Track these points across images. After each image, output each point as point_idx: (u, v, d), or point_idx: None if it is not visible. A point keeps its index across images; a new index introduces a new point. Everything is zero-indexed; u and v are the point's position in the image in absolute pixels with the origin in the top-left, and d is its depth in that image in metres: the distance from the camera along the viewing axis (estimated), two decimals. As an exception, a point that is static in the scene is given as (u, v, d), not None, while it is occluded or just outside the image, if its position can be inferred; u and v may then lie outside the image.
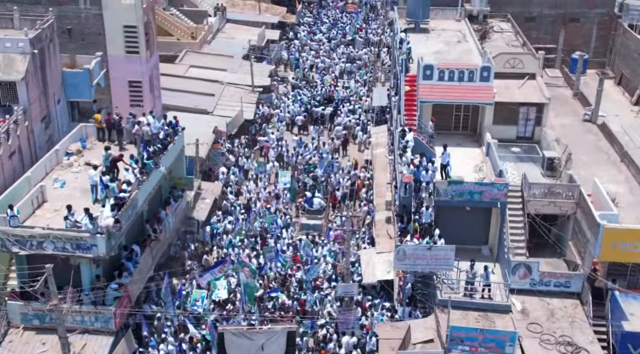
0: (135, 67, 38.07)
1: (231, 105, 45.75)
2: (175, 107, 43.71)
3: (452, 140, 32.73)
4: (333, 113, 48.00)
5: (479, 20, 41.13)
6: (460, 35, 38.97)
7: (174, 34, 54.84)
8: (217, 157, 39.87)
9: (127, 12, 37.06)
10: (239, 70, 50.94)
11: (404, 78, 33.23)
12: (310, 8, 73.66)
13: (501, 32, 39.50)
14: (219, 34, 59.86)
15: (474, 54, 36.35)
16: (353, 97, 51.07)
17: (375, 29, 66.71)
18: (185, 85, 47.37)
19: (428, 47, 37.49)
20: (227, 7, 65.48)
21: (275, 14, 66.52)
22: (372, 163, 39.68)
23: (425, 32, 39.45)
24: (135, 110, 38.60)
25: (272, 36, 62.11)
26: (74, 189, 28.25)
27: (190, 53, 53.24)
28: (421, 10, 38.81)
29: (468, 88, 32.11)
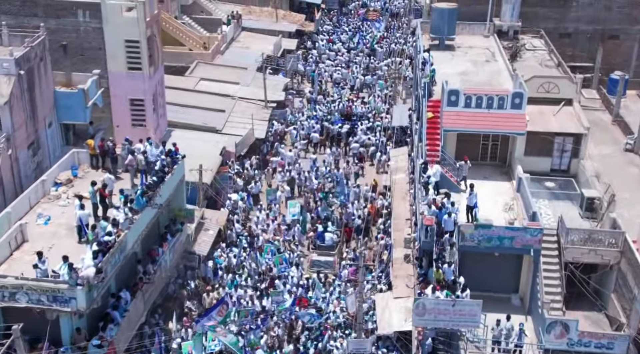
0: (137, 84, 35.38)
1: (242, 122, 42.81)
2: (182, 124, 41.02)
3: (479, 171, 29.54)
4: (350, 132, 44.88)
5: (509, 36, 37.72)
6: (489, 54, 35.64)
7: (185, 44, 52.07)
8: (224, 180, 36.92)
9: (128, 25, 34.38)
10: (252, 83, 48.00)
11: (427, 103, 30.03)
12: (330, 15, 70.52)
13: (533, 49, 36.09)
14: (233, 43, 57.00)
15: (504, 75, 33.00)
16: (372, 113, 47.91)
17: (397, 39, 63.43)
18: (195, 100, 44.56)
19: (453, 66, 34.22)
20: (243, 14, 62.67)
21: (293, 22, 63.51)
22: (391, 190, 36.49)
23: (451, 50, 36.17)
24: (138, 131, 36.09)
25: (289, 46, 59.12)
26: (59, 226, 25.43)
27: (202, 64, 50.41)
28: (446, 26, 35.52)
29: (498, 116, 28.81)
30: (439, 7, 35.57)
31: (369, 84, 53.73)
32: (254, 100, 46.21)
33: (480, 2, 38.38)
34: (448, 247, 23.70)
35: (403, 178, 37.08)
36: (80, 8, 34.25)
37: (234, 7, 63.94)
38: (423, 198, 26.11)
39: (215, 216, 33.94)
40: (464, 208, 26.21)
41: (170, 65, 49.99)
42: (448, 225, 23.96)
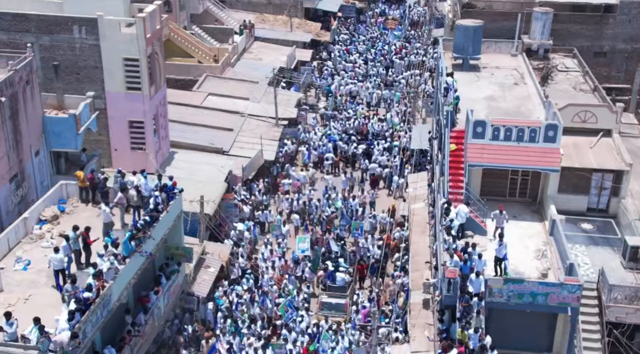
0: (136, 105, 32.75)
1: (251, 142, 40.00)
2: (187, 145, 38.31)
3: (506, 210, 26.40)
4: (366, 152, 41.94)
5: (539, 55, 34.60)
6: (517, 75, 32.55)
7: (194, 56, 49.45)
8: (229, 209, 34.19)
9: (127, 43, 31.74)
10: (263, 98, 45.08)
11: (449, 133, 27.04)
12: (347, 24, 67.54)
13: (566, 71, 32.94)
14: (245, 54, 54.27)
15: (535, 101, 29.91)
16: (389, 131, 44.92)
17: (417, 49, 60.36)
18: (201, 117, 41.86)
19: (478, 90, 31.19)
20: (256, 23, 59.93)
21: (308, 31, 60.63)
22: (409, 221, 33.53)
23: (475, 70, 33.11)
24: (137, 155, 33.48)
25: (303, 57, 56.26)
26: (39, 273, 22.74)
27: (211, 78, 47.72)
28: (471, 45, 32.47)
29: (529, 150, 25.76)
30: (463, 25, 32.53)
31: (387, 99, 50.75)
32: (264, 117, 43.40)
33: (508, 19, 35.35)
34: (474, 313, 20.70)
35: (422, 208, 34.11)
36: (76, 24, 31.64)
37: (247, 15, 61.31)
38: (445, 244, 23.15)
39: (218, 250, 31.12)
40: (489, 254, 23.37)
41: (177, 78, 47.56)
42: (475, 286, 20.99)
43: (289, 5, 61.62)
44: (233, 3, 62.50)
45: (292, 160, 42.41)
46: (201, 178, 34.15)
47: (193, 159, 36.17)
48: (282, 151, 41.69)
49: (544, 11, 33.38)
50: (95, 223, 25.35)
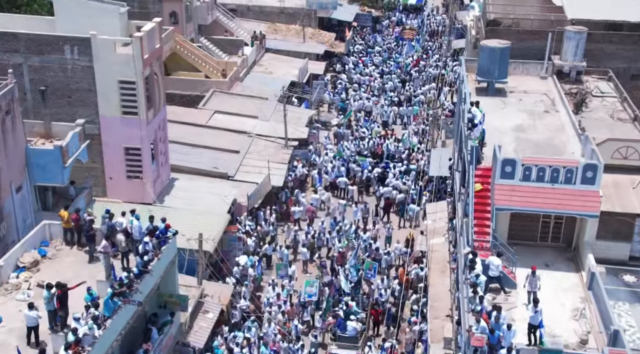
0: (132, 131, 30.15)
1: (258, 166, 37.27)
2: (189, 169, 35.67)
3: (538, 256, 23.62)
4: (381, 177, 39.08)
5: (570, 78, 31.52)
6: (548, 101, 29.53)
7: (201, 70, 46.86)
8: (232, 242, 31.50)
9: (123, 64, 29.14)
10: (272, 117, 42.32)
11: (474, 171, 24.12)
12: (362, 34, 64.68)
13: (602, 96, 29.88)
14: (255, 67, 51.62)
15: (568, 132, 26.87)
16: (405, 153, 42.02)
17: (436, 61, 57.36)
18: (206, 138, 39.21)
19: (505, 118, 28.19)
20: (268, 33, 57.32)
21: (322, 41, 57.89)
22: (428, 259, 30.66)
23: (502, 95, 30.12)
24: (134, 184, 30.90)
25: (316, 69, 53.51)
26: (10, 332, 20.10)
27: (218, 94, 45.10)
28: (497, 68, 29.50)
29: (564, 193, 22.78)
30: (488, 46, 29.54)
31: (403, 116, 47.84)
32: (273, 137, 40.70)
33: (537, 37, 32.30)
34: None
35: (442, 243, 31.22)
36: (68, 43, 29.07)
37: (258, 24, 58.72)
38: (470, 304, 20.26)
39: (218, 291, 28.32)
40: (519, 313, 20.53)
41: (183, 93, 45.02)
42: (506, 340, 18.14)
43: (302, 14, 58.98)
44: (244, 12, 59.98)
45: (303, 184, 39.65)
46: (202, 208, 31.50)
47: (195, 187, 33.50)
48: (291, 175, 38.93)
49: (578, 30, 30.34)
50: (80, 269, 22.83)
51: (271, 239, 34.14)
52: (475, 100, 26.06)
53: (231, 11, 58.71)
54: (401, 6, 71.75)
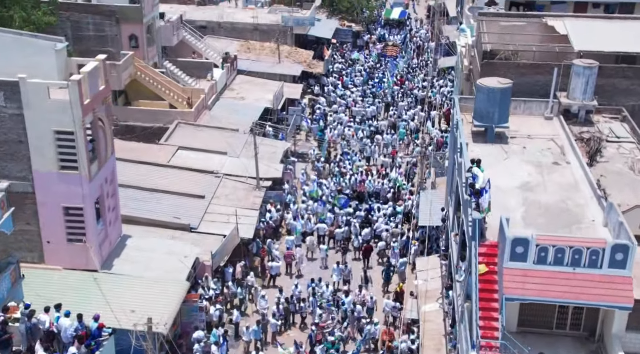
0: (73, 188, 25.45)
1: (225, 213, 32.69)
2: (146, 221, 31.08)
3: (552, 347, 19.44)
4: (365, 221, 34.69)
5: (579, 118, 27.33)
6: (556, 149, 25.28)
7: (165, 98, 42.25)
8: (192, 313, 27.00)
9: (58, 112, 24.45)
10: (243, 151, 37.86)
11: (478, 249, 19.74)
12: (342, 50, 60.21)
13: (617, 141, 25.71)
14: (225, 92, 47.10)
15: (584, 192, 22.58)
16: (391, 191, 37.69)
17: (421, 82, 52.97)
18: (168, 180, 34.60)
19: (508, 173, 23.87)
20: (241, 51, 52.82)
21: (299, 60, 53.38)
22: (421, 330, 26.28)
23: (502, 142, 25.81)
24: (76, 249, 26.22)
25: (292, 93, 48.99)
26: None
27: (183, 126, 40.47)
28: (497, 112, 25.18)
29: (588, 279, 18.54)
30: (487, 86, 25.18)
31: (388, 145, 43.44)
32: (243, 177, 36.17)
33: (540, 72, 28.10)
34: None
35: (436, 311, 26.89)
36: (-8, 87, 24.40)
37: (230, 42, 54.22)
38: None
39: (174, 381, 23.91)
40: None
41: (144, 126, 40.40)
42: None
43: (277, 31, 54.47)
44: (215, 29, 55.44)
45: (276, 231, 35.14)
46: (158, 274, 26.94)
47: (150, 245, 28.80)
48: (264, 221, 34.45)
49: (587, 65, 26.15)
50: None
51: (240, 303, 29.66)
52: (477, 157, 21.65)
53: (201, 28, 54.17)
54: (383, 21, 67.37)
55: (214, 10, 57.62)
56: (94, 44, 41.69)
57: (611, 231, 20.12)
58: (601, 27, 29.73)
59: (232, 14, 57.22)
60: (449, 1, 68.95)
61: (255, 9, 58.87)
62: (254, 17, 55.30)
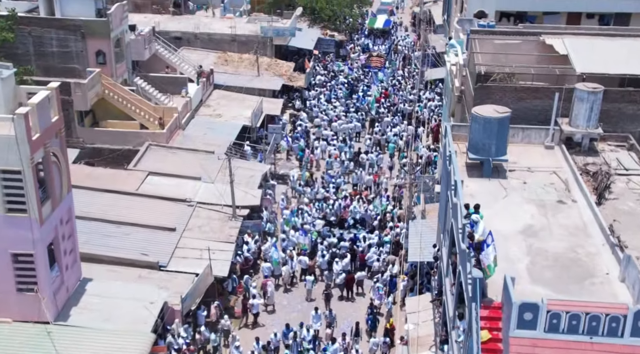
0: (21, 233, 22.60)
1: (198, 248, 29.95)
2: (109, 259, 28.26)
3: None
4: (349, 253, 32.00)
5: (582, 147, 24.83)
6: (560, 184, 22.72)
7: (136, 118, 39.39)
8: (160, 368, 24.23)
9: (3, 149, 21.61)
10: (219, 176, 34.90)
11: (479, 312, 17.12)
12: (325, 61, 57.48)
13: (626, 174, 23.24)
14: (201, 109, 44.30)
15: (595, 238, 20.01)
16: (377, 217, 35.06)
17: (407, 95, 50.36)
18: (136, 211, 31.83)
19: (508, 214, 21.25)
20: (218, 64, 50.08)
21: (279, 73, 50.63)
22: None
23: (500, 176, 23.21)
24: (27, 299, 23.34)
25: (272, 109, 46.24)
26: None
27: (154, 148, 37.67)
28: (494, 144, 22.56)
29: (607, 350, 15.99)
30: (482, 116, 22.52)
31: (373, 164, 40.78)
32: (218, 205, 33.37)
33: (539, 96, 25.58)
34: None
35: (427, 360, 24.28)
36: None
37: (207, 54, 51.39)
38: None
39: None
40: None
41: (113, 148, 37.64)
42: None
43: (256, 42, 51.67)
44: (191, 40, 52.55)
45: (255, 265, 32.38)
46: (120, 326, 24.12)
47: (113, 291, 25.91)
48: (240, 254, 31.69)
49: (592, 89, 23.65)
50: None
51: (214, 350, 26.90)
52: (476, 203, 19.00)
53: (176, 40, 51.34)
54: (367, 30, 64.70)
55: (190, 20, 54.71)
56: (58, 61, 38.89)
57: (629, 289, 17.63)
58: (603, 46, 27.27)
59: (209, 24, 54.32)
60: (434, 8, 66.61)
61: (234, 19, 56.01)
62: (231, 28, 52.44)
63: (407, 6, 76.89)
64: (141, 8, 56.08)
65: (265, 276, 30.99)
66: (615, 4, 41.25)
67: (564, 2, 41.33)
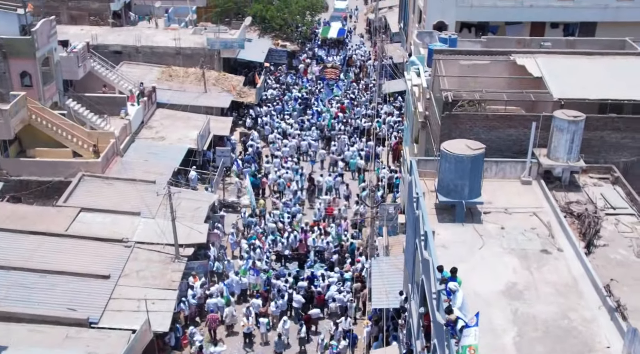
0: None
1: (136, 297, 26.34)
2: (31, 317, 24.46)
3: None
4: (306, 297, 28.74)
5: (563, 181, 22.07)
6: (542, 229, 19.84)
7: (67, 145, 35.48)
8: None
9: None
10: (160, 209, 31.25)
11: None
12: (277, 73, 54.07)
13: (614, 214, 20.53)
14: (142, 131, 40.48)
15: (587, 298, 17.05)
16: (334, 249, 31.91)
17: (364, 109, 47.26)
18: (64, 255, 28.12)
19: (487, 269, 18.26)
20: (162, 79, 46.35)
21: (228, 88, 47.04)
22: None
23: (474, 220, 20.27)
24: None
25: (220, 129, 42.66)
26: None
27: (88, 180, 33.80)
28: (467, 184, 19.59)
29: None
30: (453, 154, 19.47)
31: (330, 188, 37.64)
32: (160, 245, 29.73)
33: (514, 125, 22.73)
34: None
35: None
36: None
37: (150, 69, 47.59)
38: None
39: None
40: None
41: (41, 180, 33.66)
42: None
43: (203, 55, 48.06)
44: (132, 54, 48.65)
45: (202, 311, 28.89)
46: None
47: (31, 359, 22.27)
48: (185, 301, 28.17)
49: (573, 118, 20.89)
50: None
51: None
52: (453, 268, 15.90)
53: (115, 54, 47.47)
54: (319, 40, 61.47)
55: (131, 32, 50.71)
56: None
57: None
58: (580, 66, 24.59)
59: (152, 37, 50.48)
60: (389, 14, 63.81)
61: (179, 30, 52.21)
62: (176, 40, 48.65)
63: (362, 12, 73.87)
64: (77, 20, 52.04)
65: (210, 310, 27.89)
66: (580, 14, 39.07)
67: (527, 12, 39.00)
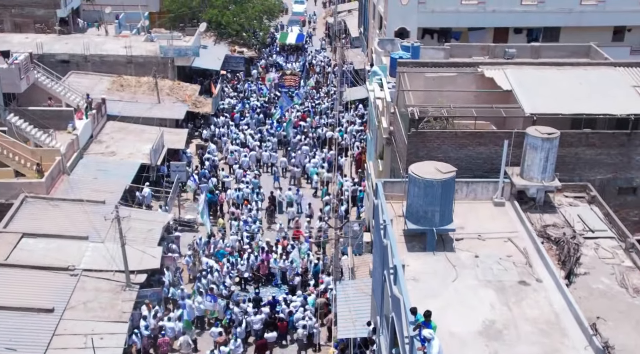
0: None
1: (83, 333, 24.28)
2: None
3: None
4: (270, 323, 26.96)
5: (537, 201, 20.70)
6: (518, 257, 18.42)
7: (8, 164, 33.02)
8: None
9: None
10: (110, 232, 28.93)
11: None
12: (234, 81, 52.03)
13: (593, 237, 19.24)
14: (91, 146, 38.14)
15: (572, 336, 15.74)
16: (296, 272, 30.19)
17: (326, 120, 45.58)
18: (3, 288, 25.80)
19: (460, 303, 16.76)
20: (113, 89, 44.06)
21: (182, 98, 44.96)
22: None
23: (446, 248, 18.77)
24: None
25: (175, 142, 40.56)
26: None
27: (31, 201, 31.37)
28: (437, 211, 18.05)
29: None
30: (422, 179, 17.90)
31: (291, 203, 35.88)
32: (109, 272, 27.59)
33: (484, 142, 21.30)
34: None
35: None
36: None
37: (100, 79, 45.25)
38: None
39: None
40: None
41: (-21, 203, 31.11)
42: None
43: (155, 64, 45.85)
44: (81, 64, 46.21)
45: (155, 342, 26.83)
46: None
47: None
48: (137, 333, 26.10)
49: (547, 135, 19.56)
50: None
51: None
52: (427, 311, 14.30)
53: (63, 63, 45.05)
54: (278, 46, 59.62)
55: (80, 40, 48.10)
56: None
57: None
58: (551, 78, 23.32)
59: (102, 45, 48.02)
60: (349, 18, 62.35)
61: (130, 37, 49.82)
62: (127, 48, 46.29)
63: (320, 16, 72.23)
64: (22, 27, 49.33)
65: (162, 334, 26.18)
66: (544, 18, 38.09)
67: (489, 17, 37.87)
